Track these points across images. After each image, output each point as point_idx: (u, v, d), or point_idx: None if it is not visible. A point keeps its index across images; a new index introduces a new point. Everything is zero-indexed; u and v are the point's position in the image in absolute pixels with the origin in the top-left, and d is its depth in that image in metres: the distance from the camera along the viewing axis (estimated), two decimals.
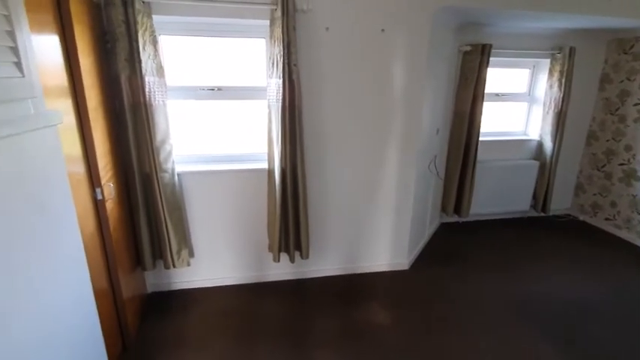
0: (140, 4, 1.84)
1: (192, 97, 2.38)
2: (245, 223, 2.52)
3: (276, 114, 2.17)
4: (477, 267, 2.93)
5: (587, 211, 3.86)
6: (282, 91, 2.09)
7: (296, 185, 2.36)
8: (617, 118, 3.46)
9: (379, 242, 2.79)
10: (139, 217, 2.17)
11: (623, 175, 3.43)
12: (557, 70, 3.33)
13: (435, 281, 2.73)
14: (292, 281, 2.71)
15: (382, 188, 2.64)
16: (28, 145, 0.96)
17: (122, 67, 1.91)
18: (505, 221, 3.84)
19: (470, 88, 3.18)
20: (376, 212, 2.70)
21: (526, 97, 3.75)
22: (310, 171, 2.42)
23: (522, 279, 2.76)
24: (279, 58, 2.04)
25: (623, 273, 2.88)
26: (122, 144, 2.05)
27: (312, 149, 2.39)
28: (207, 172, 2.38)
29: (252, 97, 2.46)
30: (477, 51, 3.08)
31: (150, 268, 2.31)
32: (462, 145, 3.35)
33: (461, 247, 3.28)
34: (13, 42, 0.89)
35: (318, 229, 2.62)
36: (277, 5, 1.96)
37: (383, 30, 2.23)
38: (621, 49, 3.36)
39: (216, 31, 2.26)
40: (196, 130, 2.56)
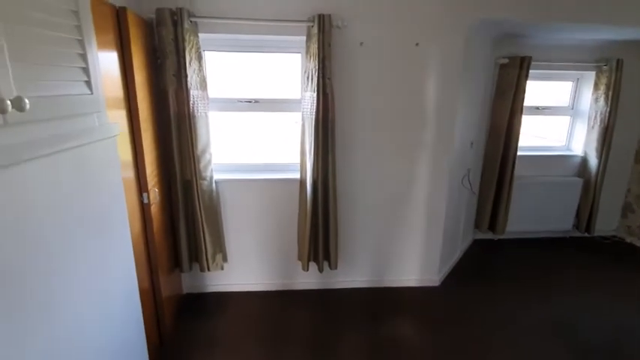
0: (188, 23, 2.00)
1: (230, 108, 2.51)
2: (276, 231, 2.59)
3: (310, 126, 2.24)
4: (512, 287, 2.80)
5: (635, 234, 3.58)
6: (316, 103, 2.16)
7: (327, 196, 2.40)
8: None
9: (409, 256, 2.75)
10: (178, 221, 2.31)
11: None
12: (604, 83, 3.17)
13: (467, 300, 2.64)
14: (320, 291, 2.73)
15: (413, 201, 2.62)
16: (92, 155, 1.08)
17: (170, 82, 2.07)
18: (544, 240, 3.65)
19: (507, 101, 3.10)
20: (406, 226, 2.67)
21: (569, 111, 3.58)
22: (341, 182, 2.46)
23: (559, 303, 2.60)
24: (314, 72, 2.12)
25: None
26: (167, 152, 2.20)
27: (343, 161, 2.43)
28: (243, 180, 2.48)
29: (286, 110, 2.56)
30: (515, 63, 3.00)
31: (187, 270, 2.43)
32: (499, 159, 3.25)
33: (495, 266, 3.15)
34: (84, 63, 1.01)
35: (347, 240, 2.64)
36: (314, 22, 2.04)
37: (417, 44, 2.25)
38: None
39: (255, 47, 2.39)
40: (234, 140, 2.69)
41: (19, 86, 0.75)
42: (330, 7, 2.08)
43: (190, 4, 2.05)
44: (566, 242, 3.62)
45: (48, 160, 0.87)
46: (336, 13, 2.08)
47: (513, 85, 3.04)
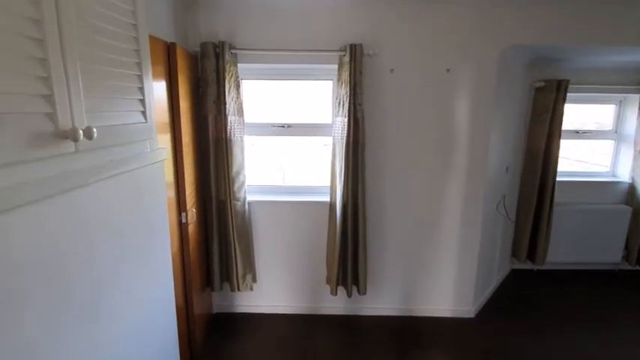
0: (229, 55, 2.16)
1: (264, 133, 2.62)
2: (305, 253, 2.60)
3: (340, 150, 2.29)
4: (551, 323, 2.60)
5: None
6: (347, 128, 2.22)
7: (356, 219, 2.40)
8: None
9: (441, 285, 2.65)
10: (212, 241, 2.39)
11: None
12: None
13: (503, 334, 2.48)
14: (347, 317, 2.68)
15: (445, 228, 2.55)
16: (144, 177, 1.18)
17: (210, 108, 2.21)
18: (590, 273, 3.39)
19: (544, 124, 3.01)
20: (438, 253, 2.60)
21: (613, 135, 3.40)
22: (370, 206, 2.45)
23: (603, 342, 2.38)
24: (345, 98, 2.19)
25: None
26: (204, 174, 2.32)
27: (373, 185, 2.44)
28: (274, 202, 2.55)
29: (317, 134, 2.64)
30: (551, 87, 2.93)
31: (218, 289, 2.48)
32: (537, 184, 3.12)
33: (534, 299, 2.95)
34: (142, 95, 1.13)
35: (377, 266, 2.60)
36: (346, 52, 2.13)
37: (448, 70, 2.27)
38: None
39: (289, 74, 2.51)
40: (266, 163, 2.80)
41: (89, 117, 0.85)
42: (361, 37, 2.17)
43: (231, 38, 2.21)
44: (614, 275, 3.34)
45: (108, 182, 0.97)
46: (367, 43, 2.16)
47: (550, 109, 2.96)
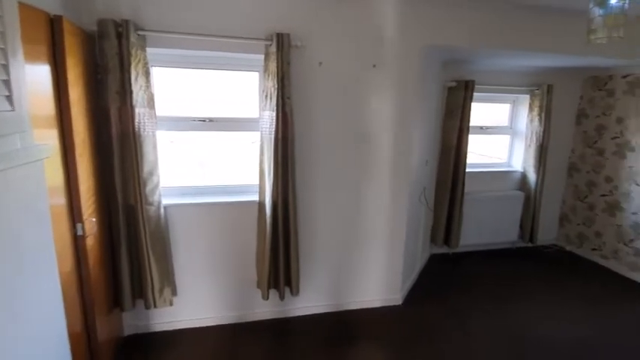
0: (135, 37, 1.85)
1: (182, 128, 2.34)
2: (232, 258, 2.41)
3: (269, 146, 2.16)
4: (470, 301, 2.87)
5: (573, 242, 3.91)
6: (275, 123, 2.09)
7: (287, 218, 2.30)
8: (595, 151, 3.61)
9: (371, 277, 2.72)
10: (120, 253, 2.05)
11: (606, 206, 3.52)
12: (537, 105, 3.49)
13: (429, 317, 2.65)
14: (281, 320, 2.57)
15: (374, 221, 2.60)
16: (12, 181, 0.90)
17: (113, 99, 1.88)
18: (494, 252, 3.84)
19: (456, 121, 3.28)
20: (368, 246, 2.64)
21: (508, 130, 3.88)
22: (301, 204, 2.37)
23: (514, 313, 2.71)
24: (272, 91, 2.06)
25: (616, 307, 2.87)
26: (107, 176, 1.97)
27: (302, 181, 2.36)
28: (195, 204, 2.30)
29: (243, 129, 2.45)
30: (461, 87, 3.20)
31: (129, 308, 2.15)
32: (450, 176, 3.40)
33: (453, 280, 3.23)
34: (6, 75, 0.85)
35: (309, 264, 2.54)
36: (272, 41, 2.00)
37: (374, 65, 2.30)
38: (596, 86, 3.57)
39: (209, 63, 2.27)
40: (186, 161, 2.52)
41: None
42: (288, 27, 2.05)
43: (138, 16, 1.90)
44: (513, 253, 3.85)
45: None
46: (294, 33, 2.05)
47: (460, 107, 3.24)
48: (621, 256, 3.41)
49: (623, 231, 3.38)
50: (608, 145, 3.47)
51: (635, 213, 3.27)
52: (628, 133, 3.29)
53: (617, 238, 3.43)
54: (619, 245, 3.42)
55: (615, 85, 3.38)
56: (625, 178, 3.34)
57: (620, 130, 3.36)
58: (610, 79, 3.43)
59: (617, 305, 2.88)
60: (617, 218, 3.43)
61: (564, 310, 2.78)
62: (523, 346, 2.34)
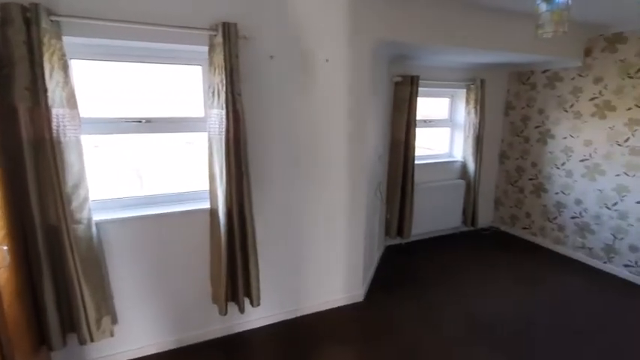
0: (47, 23, 1.52)
1: (114, 130, 2.03)
2: (183, 274, 2.17)
3: (219, 147, 1.96)
4: (427, 288, 2.98)
5: (507, 222, 4.30)
6: (226, 122, 1.90)
7: (244, 225, 2.12)
8: (522, 139, 3.98)
9: (333, 276, 2.66)
10: (42, 284, 1.71)
11: (533, 189, 3.92)
12: (473, 99, 3.73)
13: (391, 309, 2.68)
14: (241, 334, 2.39)
15: (333, 219, 2.54)
16: None
17: (21, 97, 1.53)
18: (442, 238, 4.06)
19: (403, 115, 3.36)
20: (328, 244, 2.58)
21: (448, 123, 4.11)
22: (256, 207, 2.21)
23: (466, 295, 2.88)
24: (220, 87, 1.86)
25: (548, 278, 3.20)
26: (19, 192, 1.61)
27: (257, 184, 2.20)
28: (135, 218, 2.00)
29: (187, 130, 2.21)
30: (407, 81, 3.28)
31: (58, 346, 1.81)
32: (401, 169, 3.49)
33: (408, 269, 3.32)
34: None
35: (268, 271, 2.39)
36: (217, 31, 1.80)
37: (327, 60, 2.22)
38: (520, 80, 3.93)
39: (143, 56, 1.99)
40: (120, 169, 2.20)
41: None
42: (234, 16, 1.87)
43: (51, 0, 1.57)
44: (458, 237, 4.11)
45: None
46: (242, 23, 1.87)
47: (407, 101, 3.32)
48: (547, 232, 3.82)
49: (547, 210, 3.79)
50: (533, 134, 3.85)
51: (557, 193, 3.67)
52: (548, 122, 3.68)
53: (543, 217, 3.84)
54: (545, 223, 3.83)
55: (536, 79, 3.75)
56: (547, 163, 3.74)
57: (542, 120, 3.74)
58: (532, 73, 3.79)
59: (546, 276, 3.21)
60: (542, 199, 3.83)
61: (506, 286, 3.02)
62: (479, 324, 2.48)
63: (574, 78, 3.40)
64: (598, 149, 3.27)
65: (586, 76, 3.30)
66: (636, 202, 3.03)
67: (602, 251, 3.33)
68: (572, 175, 3.51)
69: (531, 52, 2.96)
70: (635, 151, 3.00)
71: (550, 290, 2.98)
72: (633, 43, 2.93)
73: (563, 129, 3.54)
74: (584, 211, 3.44)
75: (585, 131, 3.36)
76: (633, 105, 2.97)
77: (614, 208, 3.19)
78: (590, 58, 3.24)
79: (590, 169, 3.35)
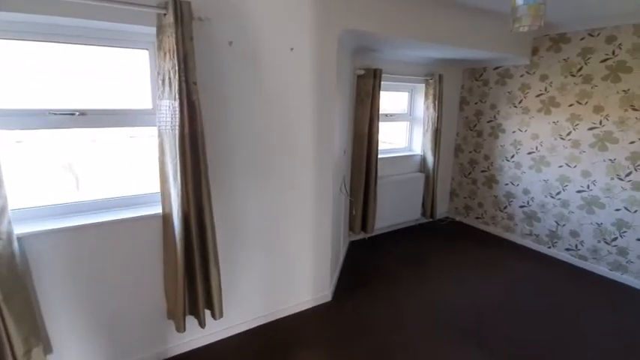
0: None
1: (41, 125, 1.68)
2: (132, 290, 1.90)
3: (172, 144, 1.71)
4: (393, 283, 2.98)
5: (461, 213, 4.49)
6: (180, 115, 1.66)
7: (203, 230, 1.90)
8: (475, 133, 4.15)
9: (300, 277, 2.54)
10: None
11: (485, 180, 4.11)
12: (431, 93, 3.79)
13: (359, 307, 2.63)
14: (204, 349, 2.18)
15: (299, 218, 2.41)
16: None
17: None
18: (403, 231, 4.12)
19: (366, 109, 3.30)
20: (294, 245, 2.44)
21: (408, 117, 4.15)
22: (217, 209, 2.00)
23: (431, 285, 2.93)
24: (172, 74, 1.61)
25: (502, 265, 3.38)
26: None
27: (215, 183, 1.99)
28: (70, 229, 1.69)
29: (132, 124, 1.92)
30: (370, 74, 3.22)
31: None
32: (364, 163, 3.44)
33: (373, 265, 3.31)
34: None
35: (230, 278, 2.20)
36: (168, 10, 1.54)
37: (292, 49, 2.05)
38: (473, 76, 4.07)
39: (75, 36, 1.66)
40: (51, 170, 1.85)
41: None
42: None
43: None
44: (418, 229, 4.20)
45: None
46: (196, 2, 1.63)
47: (370, 95, 3.26)
48: (498, 221, 4.04)
49: (498, 200, 4.00)
50: (485, 128, 4.03)
51: (507, 184, 3.89)
52: (499, 117, 3.86)
53: (494, 207, 4.05)
54: (496, 212, 4.05)
55: (489, 76, 3.91)
56: (498, 155, 3.94)
57: (493, 115, 3.92)
58: (484, 70, 3.95)
59: (500, 262, 3.39)
60: (493, 190, 4.04)
61: (465, 275, 3.12)
62: (445, 315, 2.52)
63: (522, 75, 3.58)
64: (544, 142, 3.49)
65: (533, 74, 3.49)
66: (576, 192, 3.29)
67: (546, 237, 3.59)
68: (521, 167, 3.73)
69: (488, 50, 3.05)
70: (576, 144, 3.25)
71: (505, 276, 3.14)
72: (575, 43, 3.14)
73: (513, 123, 3.74)
74: (531, 201, 3.68)
75: (532, 126, 3.57)
76: (575, 101, 3.20)
77: (558, 197, 3.44)
78: (537, 56, 3.43)
79: (537, 161, 3.57)
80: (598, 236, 3.19)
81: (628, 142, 2.91)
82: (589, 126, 3.14)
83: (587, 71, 3.09)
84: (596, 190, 3.16)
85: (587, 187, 3.22)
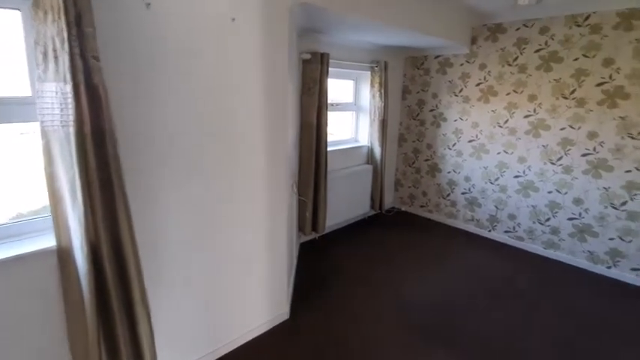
0: None
1: None
2: (17, 349, 1.32)
3: (65, 147, 1.18)
4: (350, 285, 2.76)
5: (406, 202, 4.49)
6: (75, 105, 1.13)
7: (123, 266, 1.39)
8: (418, 122, 4.13)
9: (253, 298, 2.14)
10: None
11: (429, 169, 4.14)
12: (377, 82, 3.61)
13: (320, 320, 2.34)
14: None
15: (250, 228, 2.00)
16: None
17: None
18: (353, 226, 3.94)
19: (314, 97, 2.98)
20: (246, 263, 2.04)
21: (353, 107, 3.93)
22: (140, 232, 1.50)
23: (387, 280, 2.79)
24: (59, 43, 1.08)
25: (449, 252, 3.40)
26: None
27: (139, 198, 1.49)
28: None
29: (5, 119, 1.30)
30: (317, 59, 2.88)
31: None
32: (313, 157, 3.13)
33: (328, 267, 3.05)
34: None
35: (168, 315, 1.72)
36: None
37: (233, 19, 1.60)
38: (415, 65, 4.01)
39: None
40: None
41: None
42: None
43: None
44: (367, 222, 4.06)
45: None
46: None
47: (317, 82, 2.94)
48: (441, 209, 4.11)
49: (441, 188, 4.06)
50: (428, 117, 4.02)
51: (449, 172, 3.95)
52: (441, 106, 3.87)
53: (438, 194, 4.11)
54: (439, 200, 4.11)
55: (430, 65, 3.88)
56: (440, 144, 3.97)
57: (435, 104, 3.92)
58: (425, 59, 3.90)
59: (447, 249, 3.42)
60: (436, 178, 4.08)
61: (417, 266, 3.05)
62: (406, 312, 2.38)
63: (462, 64, 3.61)
64: (483, 130, 3.58)
65: (472, 63, 3.53)
66: (514, 177, 3.44)
67: (487, 221, 3.74)
68: (462, 155, 3.80)
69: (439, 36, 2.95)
70: (512, 131, 3.37)
71: (457, 264, 3.15)
72: (511, 33, 3.22)
73: (454, 112, 3.77)
74: (472, 187, 3.79)
75: (473, 114, 3.63)
76: (511, 90, 3.31)
77: (497, 183, 3.58)
78: (476, 46, 3.47)
79: (477, 148, 3.66)
80: (533, 217, 3.39)
81: (559, 129, 3.09)
82: (524, 114, 3.27)
83: (522, 61, 3.20)
84: (531, 175, 3.33)
85: (523, 172, 3.38)
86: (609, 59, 2.75)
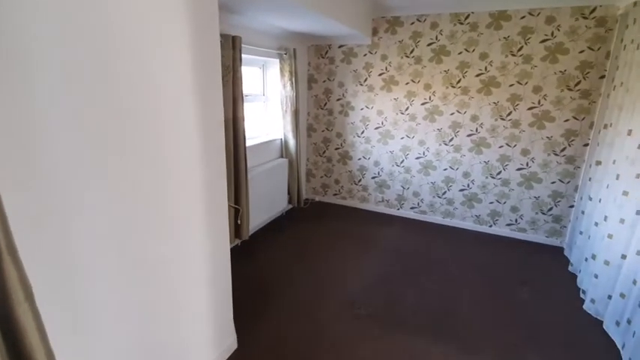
0: None
1: None
2: None
3: None
4: (287, 286, 2.61)
5: (319, 192, 4.52)
6: None
7: (18, 339, 0.91)
8: (326, 112, 4.15)
9: (195, 332, 1.78)
10: None
11: (340, 157, 4.24)
12: (287, 70, 3.44)
13: (270, 338, 2.14)
14: None
15: (187, 249, 1.62)
16: None
17: None
18: (272, 225, 3.74)
19: (229, 87, 2.62)
20: (186, 289, 1.66)
21: (262, 97, 3.66)
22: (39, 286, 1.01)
23: (324, 282, 2.76)
24: None
25: (369, 233, 3.58)
26: None
27: (29, 234, 0.99)
28: None
29: None
30: (228, 44, 2.52)
31: None
32: (232, 156, 2.79)
33: (259, 275, 2.80)
34: None
35: None
36: None
37: None
38: (319, 54, 3.97)
39: None
40: None
41: None
42: None
43: None
44: (286, 219, 3.92)
45: None
46: None
47: (231, 70, 2.59)
48: (354, 194, 4.29)
49: (353, 174, 4.23)
50: (335, 106, 4.08)
51: (359, 159, 4.13)
52: (348, 95, 3.97)
53: (350, 181, 4.27)
54: (352, 186, 4.28)
55: (334, 54, 3.90)
56: (349, 132, 4.10)
57: (342, 93, 3.99)
58: (329, 48, 3.91)
59: (366, 231, 3.61)
60: (348, 165, 4.22)
61: (344, 255, 3.12)
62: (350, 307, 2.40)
63: (366, 54, 3.75)
64: (387, 118, 3.84)
65: (375, 54, 3.71)
66: (415, 158, 3.83)
67: (395, 201, 4.08)
68: (370, 142, 4.01)
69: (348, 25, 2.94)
70: (412, 117, 3.72)
71: (377, 244, 3.34)
72: (407, 27, 3.49)
73: (360, 101, 3.93)
74: (381, 171, 4.05)
75: (377, 103, 3.85)
76: (410, 80, 3.62)
77: (402, 165, 3.92)
78: (377, 37, 3.65)
79: (383, 135, 3.92)
80: (433, 192, 3.86)
81: (449, 114, 3.55)
82: (422, 101, 3.64)
83: (417, 53, 3.52)
84: (429, 156, 3.76)
85: (423, 153, 3.78)
86: (484, 53, 3.27)
